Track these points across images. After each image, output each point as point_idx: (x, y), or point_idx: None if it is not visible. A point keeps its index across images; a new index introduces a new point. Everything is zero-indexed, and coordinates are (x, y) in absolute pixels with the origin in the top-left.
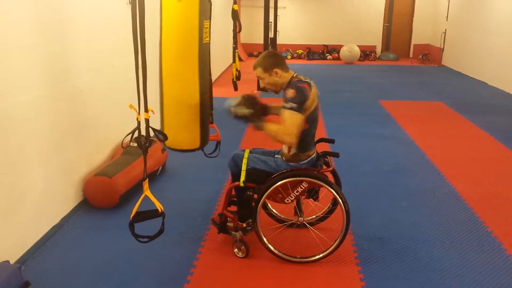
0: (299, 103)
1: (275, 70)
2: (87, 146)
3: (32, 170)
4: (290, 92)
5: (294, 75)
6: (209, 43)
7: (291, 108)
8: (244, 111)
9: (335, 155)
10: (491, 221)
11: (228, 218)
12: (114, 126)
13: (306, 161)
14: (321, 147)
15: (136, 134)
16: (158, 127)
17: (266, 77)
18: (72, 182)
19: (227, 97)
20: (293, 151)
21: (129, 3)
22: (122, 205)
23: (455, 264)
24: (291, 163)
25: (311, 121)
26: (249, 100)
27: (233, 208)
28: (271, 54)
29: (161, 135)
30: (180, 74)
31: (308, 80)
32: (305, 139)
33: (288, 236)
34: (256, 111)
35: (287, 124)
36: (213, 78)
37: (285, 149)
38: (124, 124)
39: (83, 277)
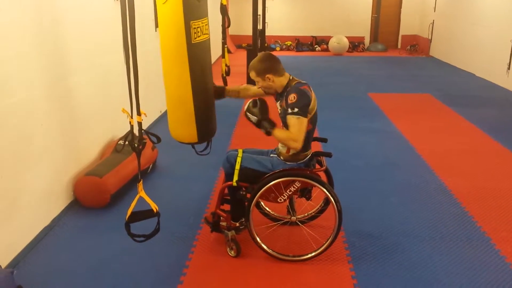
0: (303, 106)
1: (267, 75)
2: (77, 145)
3: (22, 172)
4: (292, 97)
5: (291, 78)
6: (203, 42)
7: (296, 113)
8: (253, 117)
9: (328, 155)
10: (480, 216)
11: (221, 217)
12: (104, 124)
13: (303, 160)
14: (313, 146)
15: (129, 137)
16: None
17: (260, 81)
18: (63, 183)
19: None
20: (292, 151)
21: None
22: (113, 204)
23: (444, 260)
24: (289, 162)
25: (313, 122)
26: (261, 106)
27: (226, 207)
28: (266, 58)
29: (154, 137)
30: (174, 73)
31: (306, 82)
32: (307, 140)
33: (281, 235)
34: (266, 118)
35: (294, 131)
36: None
37: (283, 149)
38: (114, 122)
39: (75, 279)
